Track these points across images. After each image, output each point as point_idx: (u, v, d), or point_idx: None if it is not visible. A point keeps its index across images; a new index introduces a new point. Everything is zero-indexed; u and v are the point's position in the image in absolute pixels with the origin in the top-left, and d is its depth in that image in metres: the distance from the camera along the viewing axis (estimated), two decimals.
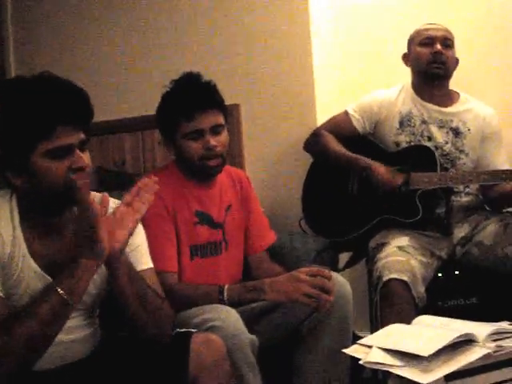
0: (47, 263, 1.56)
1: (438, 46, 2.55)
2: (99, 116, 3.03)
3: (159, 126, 2.17)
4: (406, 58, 2.69)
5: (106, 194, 1.54)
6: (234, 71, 3.04)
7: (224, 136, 2.09)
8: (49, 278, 1.54)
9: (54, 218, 1.60)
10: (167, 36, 3.18)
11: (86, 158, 1.56)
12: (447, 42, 2.58)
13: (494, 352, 1.55)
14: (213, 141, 2.04)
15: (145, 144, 3.25)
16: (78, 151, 1.53)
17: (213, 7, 3.08)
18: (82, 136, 1.55)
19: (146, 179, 1.55)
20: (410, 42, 2.67)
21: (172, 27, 3.17)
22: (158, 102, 2.15)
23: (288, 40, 2.96)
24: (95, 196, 1.54)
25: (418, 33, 2.64)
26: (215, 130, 2.06)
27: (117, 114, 3.27)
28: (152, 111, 2.20)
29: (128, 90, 3.26)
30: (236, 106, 3.03)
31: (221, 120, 2.08)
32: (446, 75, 2.60)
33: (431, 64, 2.56)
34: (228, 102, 2.26)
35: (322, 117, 2.88)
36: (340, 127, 2.71)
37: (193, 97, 2.04)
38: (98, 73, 3.32)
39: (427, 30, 2.61)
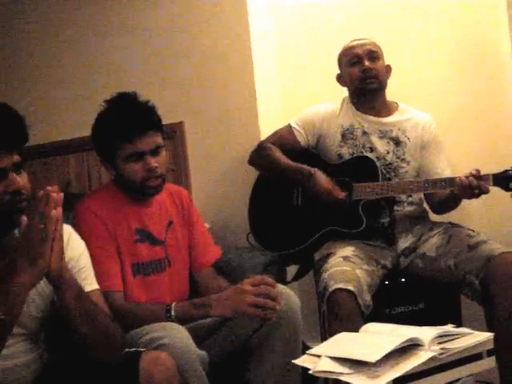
0: None
1: (366, 63, 2.60)
2: (42, 138, 3.06)
3: (96, 146, 2.14)
4: (340, 79, 2.74)
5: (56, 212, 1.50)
6: (177, 89, 3.04)
7: (163, 156, 2.10)
8: None
9: None
10: (110, 55, 3.16)
11: (21, 179, 1.54)
12: (373, 54, 2.63)
13: (440, 354, 1.58)
14: (153, 162, 2.04)
15: (89, 164, 3.22)
16: (12, 174, 1.52)
17: (155, 25, 3.08)
18: (16, 158, 1.54)
19: (41, 191, 1.46)
20: (340, 62, 2.72)
21: (114, 46, 3.15)
22: None
23: (229, 56, 2.98)
24: None
25: (344, 53, 2.68)
26: (155, 151, 2.06)
27: (60, 135, 3.23)
28: None
29: (70, 111, 3.23)
30: (180, 124, 3.04)
31: (160, 140, 2.08)
32: (381, 87, 2.66)
33: (364, 81, 2.61)
34: (172, 119, 2.26)
35: (265, 131, 2.90)
36: (284, 140, 2.74)
37: (132, 120, 2.03)
38: (39, 94, 3.27)
39: (353, 48, 2.65)
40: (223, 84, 3.00)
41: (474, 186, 2.29)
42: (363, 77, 2.60)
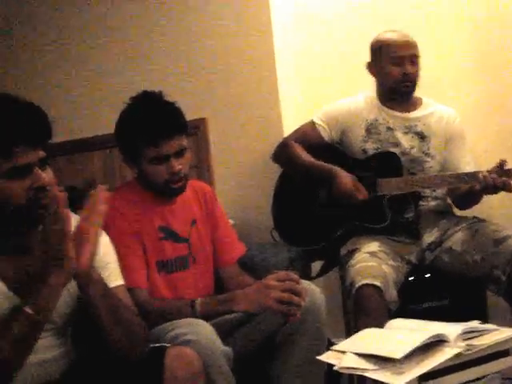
0: (15, 283, 1.55)
1: (408, 68, 2.55)
2: (67, 135, 3.09)
3: (119, 145, 2.14)
4: (371, 68, 2.67)
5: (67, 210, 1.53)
6: (200, 85, 3.05)
7: (187, 157, 2.10)
8: (17, 298, 1.52)
9: (20, 238, 1.59)
10: (134, 51, 3.18)
11: (47, 175, 1.55)
12: (415, 59, 2.58)
13: (465, 351, 1.57)
14: (177, 165, 2.04)
15: (114, 161, 3.24)
16: (37, 170, 1.53)
17: (177, 23, 3.09)
18: (41, 154, 1.55)
19: (96, 190, 1.54)
20: (376, 52, 2.64)
21: (137, 43, 3.17)
22: None
23: (252, 53, 2.98)
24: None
25: (386, 48, 2.59)
26: (179, 153, 2.06)
27: (85, 133, 3.26)
28: None
29: (95, 108, 3.26)
30: (203, 120, 3.05)
31: (184, 142, 2.07)
32: (414, 90, 2.63)
33: (401, 83, 2.58)
34: (195, 116, 2.27)
35: (288, 127, 2.90)
36: (307, 137, 2.73)
37: (158, 123, 2.01)
38: (65, 91, 3.31)
39: (398, 47, 2.57)
40: (246, 80, 3.00)
41: (497, 183, 2.27)
42: (402, 80, 2.57)
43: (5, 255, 1.57)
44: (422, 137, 2.62)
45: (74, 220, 1.58)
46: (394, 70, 2.57)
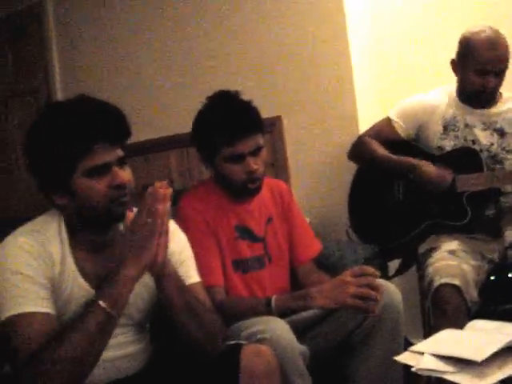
0: (97, 281, 1.59)
1: (491, 81, 2.45)
2: (144, 135, 3.16)
3: (196, 144, 2.15)
4: (455, 66, 2.58)
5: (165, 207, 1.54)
6: (275, 84, 3.06)
7: (263, 156, 2.09)
8: None
9: (101, 235, 1.63)
10: (209, 52, 3.23)
11: (125, 174, 1.59)
12: (500, 71, 2.47)
13: None
14: (254, 164, 2.04)
15: (190, 160, 3.28)
16: (116, 168, 1.56)
17: (251, 22, 3.11)
18: (120, 153, 1.58)
19: (153, 186, 1.52)
20: (463, 55, 2.52)
21: (214, 43, 3.21)
22: None
23: (327, 50, 2.96)
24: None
25: (474, 56, 2.46)
26: (255, 152, 2.06)
27: (161, 132, 3.32)
28: None
29: (171, 108, 3.32)
30: (278, 118, 3.05)
31: (260, 141, 2.07)
32: (493, 98, 2.55)
33: (480, 93, 2.50)
34: (270, 114, 2.27)
35: (363, 124, 2.87)
36: (383, 134, 2.70)
37: (235, 122, 2.02)
38: (141, 92, 3.38)
39: (486, 61, 2.44)
40: (321, 78, 2.99)
41: None
42: (481, 90, 2.48)
43: (86, 252, 1.62)
44: (501, 133, 2.54)
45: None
46: (476, 80, 2.48)
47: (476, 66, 2.46)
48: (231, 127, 2.02)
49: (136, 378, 1.66)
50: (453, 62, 2.59)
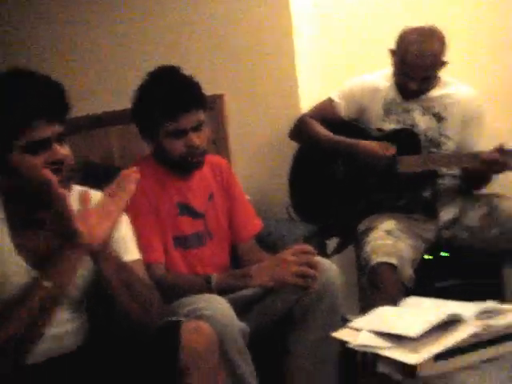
0: (33, 257, 1.56)
1: (412, 86, 2.50)
2: (84, 110, 3.09)
3: (137, 120, 2.13)
4: (391, 56, 2.60)
5: (87, 190, 1.55)
6: (217, 61, 3.03)
7: (205, 132, 2.08)
8: (35, 272, 1.54)
9: (38, 212, 1.59)
10: (151, 27, 3.16)
11: (64, 150, 1.55)
12: (424, 78, 2.50)
13: (482, 331, 1.57)
14: (196, 139, 2.03)
15: (132, 136, 3.23)
16: (55, 144, 1.53)
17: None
18: (59, 129, 1.54)
19: (128, 170, 1.55)
20: (396, 52, 2.55)
21: (156, 18, 3.15)
22: None
23: (270, 29, 2.94)
24: (76, 190, 1.55)
25: (403, 60, 2.49)
26: (197, 128, 2.05)
27: (102, 107, 3.26)
28: None
29: (112, 83, 3.25)
30: (220, 96, 3.03)
31: (202, 117, 2.06)
32: (426, 92, 2.59)
33: (405, 88, 2.54)
34: (212, 91, 2.25)
35: (305, 104, 2.88)
36: (325, 114, 2.72)
37: (176, 97, 2.00)
38: (82, 66, 3.30)
39: (411, 67, 2.47)
40: (264, 57, 2.97)
41: (499, 163, 2.26)
42: (404, 88, 2.55)
43: (22, 230, 1.58)
44: (439, 118, 2.59)
45: (94, 196, 1.59)
46: (401, 78, 2.54)
47: (402, 66, 2.52)
48: (174, 102, 2.00)
49: (73, 356, 1.64)
50: (390, 52, 2.62)
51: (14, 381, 1.49)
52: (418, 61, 2.46)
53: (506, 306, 1.68)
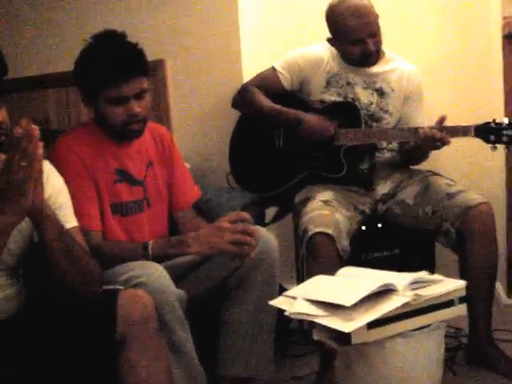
0: None
1: (370, 45, 2.49)
2: (20, 72, 3.00)
3: (78, 84, 2.08)
4: (332, 42, 2.60)
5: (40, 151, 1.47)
6: (159, 26, 2.98)
7: (147, 100, 2.06)
8: None
9: None
10: None
11: (0, 114, 1.51)
12: (374, 33, 2.51)
13: (413, 300, 1.62)
14: (137, 107, 2.01)
15: (69, 100, 3.17)
16: None
17: None
18: None
19: (22, 126, 1.40)
20: (334, 31, 2.55)
21: None
22: None
23: None
24: None
25: (345, 31, 2.49)
26: (139, 96, 2.02)
27: (40, 70, 3.18)
28: None
29: (51, 45, 3.17)
30: (161, 62, 2.99)
31: (145, 85, 2.04)
32: (377, 58, 2.60)
33: (363, 57, 2.54)
34: (153, 57, 2.22)
35: (248, 73, 2.87)
36: (267, 83, 2.71)
37: (119, 64, 1.97)
38: (19, 27, 3.20)
39: (354, 30, 2.47)
40: (207, 23, 2.94)
41: (436, 138, 2.31)
42: (364, 55, 2.54)
43: None
44: (380, 93, 2.62)
45: None
46: (355, 49, 2.53)
47: (350, 37, 2.51)
48: (116, 68, 1.96)
49: (9, 322, 1.62)
50: (329, 40, 2.62)
51: None
52: (363, 20, 2.47)
53: (436, 277, 1.73)
